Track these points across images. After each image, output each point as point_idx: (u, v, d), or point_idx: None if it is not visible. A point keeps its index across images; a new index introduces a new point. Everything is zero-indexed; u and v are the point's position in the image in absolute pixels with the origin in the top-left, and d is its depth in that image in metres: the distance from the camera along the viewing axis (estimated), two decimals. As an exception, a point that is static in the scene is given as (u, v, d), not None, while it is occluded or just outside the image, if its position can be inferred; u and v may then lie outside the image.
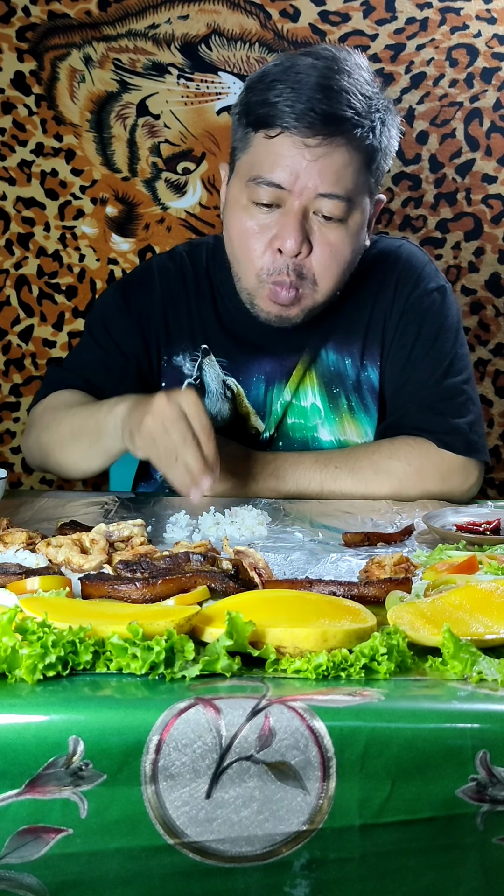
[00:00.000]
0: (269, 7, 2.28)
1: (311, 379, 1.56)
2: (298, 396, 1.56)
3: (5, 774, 0.76)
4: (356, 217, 1.44)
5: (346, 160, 1.39)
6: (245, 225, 1.43)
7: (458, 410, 1.51)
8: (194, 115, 2.33)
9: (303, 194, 1.39)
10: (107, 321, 1.60)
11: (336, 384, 1.56)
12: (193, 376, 1.57)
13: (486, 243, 2.37)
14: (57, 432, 1.51)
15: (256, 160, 1.41)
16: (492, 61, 2.30)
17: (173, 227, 2.37)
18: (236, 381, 1.57)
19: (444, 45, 2.29)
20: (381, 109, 1.42)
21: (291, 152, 1.37)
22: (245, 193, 1.43)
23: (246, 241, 1.44)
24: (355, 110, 1.38)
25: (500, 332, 2.41)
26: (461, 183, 2.34)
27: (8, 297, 2.40)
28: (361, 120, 1.39)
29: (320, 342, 1.55)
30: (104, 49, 2.31)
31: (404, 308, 1.55)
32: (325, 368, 1.56)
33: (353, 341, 1.55)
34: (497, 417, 2.44)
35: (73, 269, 2.39)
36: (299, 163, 1.37)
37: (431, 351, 1.53)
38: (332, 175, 1.38)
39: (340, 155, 1.38)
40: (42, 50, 2.32)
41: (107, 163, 2.35)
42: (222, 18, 2.29)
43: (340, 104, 1.37)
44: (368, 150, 1.41)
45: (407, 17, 2.28)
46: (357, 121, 1.38)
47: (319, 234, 1.41)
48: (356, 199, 1.42)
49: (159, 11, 2.29)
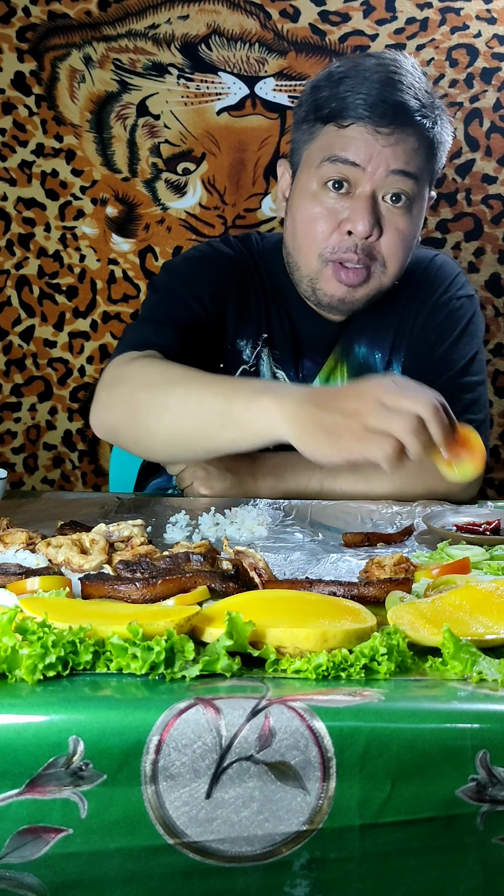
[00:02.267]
0: (269, 7, 2.28)
1: (342, 371, 1.61)
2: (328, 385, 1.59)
3: (5, 774, 0.76)
4: (420, 204, 1.50)
5: (416, 146, 1.45)
6: (313, 210, 1.47)
7: (468, 408, 1.53)
8: (194, 115, 2.33)
9: (375, 174, 1.44)
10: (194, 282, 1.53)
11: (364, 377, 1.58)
12: (250, 364, 1.60)
13: (486, 243, 2.37)
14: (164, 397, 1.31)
15: (329, 144, 1.46)
16: (492, 61, 2.30)
17: (173, 227, 2.37)
18: (285, 375, 1.61)
19: (444, 46, 2.29)
20: (438, 106, 1.50)
21: (365, 136, 1.43)
22: (315, 178, 1.47)
23: (312, 225, 1.47)
24: (421, 102, 1.45)
25: (501, 332, 2.41)
26: (461, 183, 2.34)
27: (9, 298, 2.40)
28: (426, 111, 1.46)
29: (354, 337, 1.60)
30: (104, 49, 2.31)
31: (433, 308, 1.60)
32: (355, 362, 1.60)
33: (383, 336, 1.60)
34: (497, 418, 2.44)
35: (73, 270, 2.39)
36: (373, 145, 1.43)
37: (451, 349, 1.58)
38: (405, 154, 1.44)
39: (412, 141, 1.45)
40: (42, 50, 2.32)
41: (107, 163, 2.36)
42: (222, 18, 2.29)
43: (408, 96, 1.43)
44: (432, 141, 1.48)
45: (407, 17, 2.28)
46: (423, 111, 1.45)
47: (389, 220, 1.46)
48: (422, 183, 1.48)
49: (159, 11, 2.29)
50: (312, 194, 1.47)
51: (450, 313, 1.59)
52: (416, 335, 1.59)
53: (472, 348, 1.59)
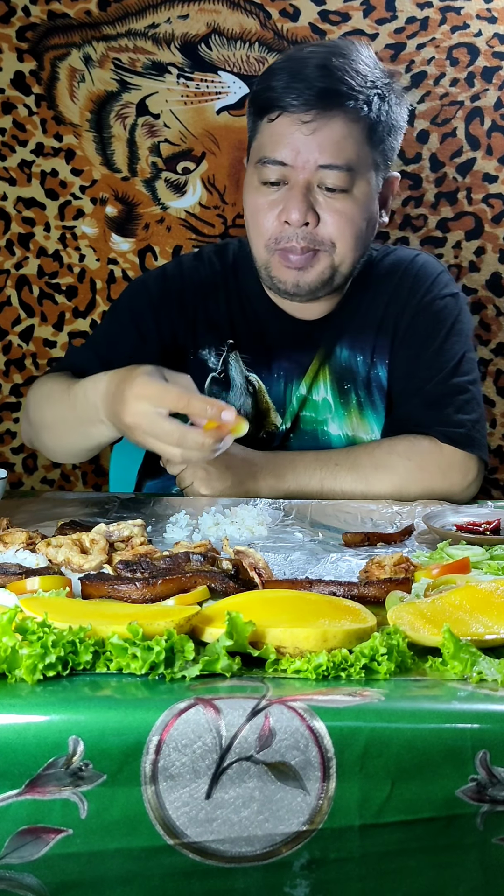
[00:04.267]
0: (269, 6, 2.28)
1: (325, 374, 1.60)
2: (312, 391, 1.60)
3: (5, 774, 0.76)
4: (362, 187, 1.49)
5: (345, 132, 1.45)
6: (256, 203, 1.51)
7: (461, 407, 1.53)
8: (194, 114, 2.32)
9: (305, 168, 1.45)
10: (135, 312, 1.63)
11: (347, 380, 1.60)
12: (218, 370, 1.61)
13: (487, 243, 2.36)
14: (43, 414, 1.54)
15: (262, 143, 1.49)
16: (492, 60, 2.29)
17: (173, 226, 2.37)
18: (258, 378, 1.61)
19: (444, 45, 2.29)
20: (379, 86, 1.48)
21: (290, 130, 1.45)
22: (255, 175, 1.50)
23: (256, 218, 1.51)
24: (348, 85, 1.44)
25: (501, 331, 2.41)
26: (462, 182, 2.34)
27: (8, 298, 2.40)
28: (355, 94, 1.44)
29: (335, 339, 1.60)
30: (104, 49, 2.31)
31: (417, 309, 1.59)
32: (337, 364, 1.60)
33: (365, 339, 1.59)
34: (499, 417, 2.44)
35: (73, 269, 2.39)
36: (298, 139, 1.45)
37: (440, 350, 1.56)
38: (331, 146, 1.44)
39: (338, 127, 1.44)
40: (42, 50, 2.32)
41: (106, 163, 2.35)
42: (222, 18, 2.28)
43: (333, 80, 1.43)
44: (367, 123, 1.47)
45: (407, 16, 2.28)
46: (351, 94, 1.44)
47: (326, 205, 1.47)
48: (359, 170, 1.47)
49: (159, 11, 2.29)
50: (255, 189, 1.51)
51: (435, 314, 1.58)
52: (403, 337, 1.58)
53: (461, 348, 1.57)
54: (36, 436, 1.59)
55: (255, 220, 1.51)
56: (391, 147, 1.54)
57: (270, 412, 1.61)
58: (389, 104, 1.50)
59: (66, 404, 1.47)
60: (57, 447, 1.57)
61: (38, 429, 1.57)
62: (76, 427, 1.47)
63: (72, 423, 1.48)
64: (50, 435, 1.55)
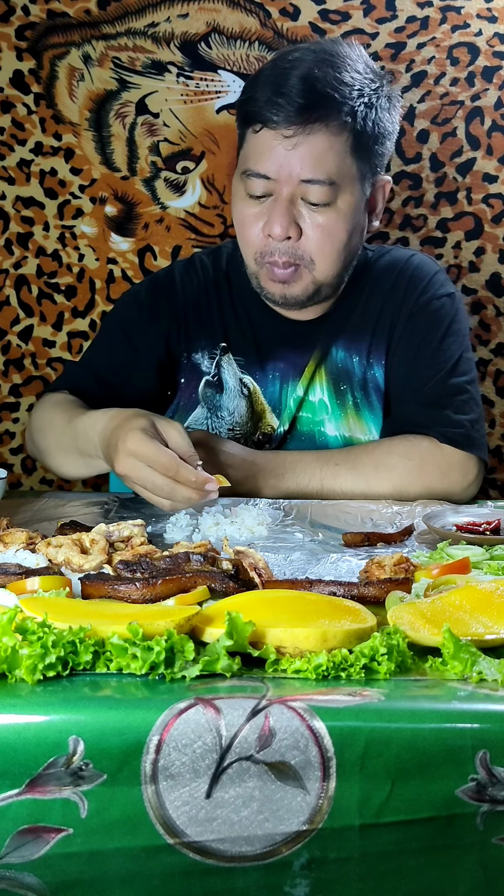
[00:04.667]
0: (269, 5, 2.27)
1: (321, 375, 1.60)
2: (309, 392, 1.60)
3: (5, 774, 0.76)
4: (346, 199, 1.47)
5: (327, 145, 1.43)
6: (243, 214, 1.51)
7: (460, 408, 1.53)
8: (194, 113, 2.32)
9: (288, 182, 1.44)
10: (127, 324, 1.64)
11: (344, 381, 1.60)
12: (211, 373, 1.62)
13: (487, 243, 2.36)
14: (47, 441, 1.56)
15: (247, 154, 1.49)
16: (493, 60, 2.29)
17: (172, 226, 2.37)
18: (252, 380, 1.61)
19: (444, 44, 2.29)
20: (367, 94, 1.46)
21: (273, 143, 1.44)
22: (241, 186, 1.50)
23: (243, 229, 1.52)
24: (331, 97, 1.42)
25: (501, 331, 2.41)
26: (462, 182, 2.34)
27: (7, 297, 2.40)
28: (339, 105, 1.42)
29: (331, 340, 1.59)
30: (103, 48, 2.31)
31: (413, 310, 1.58)
32: (333, 365, 1.60)
33: (361, 340, 1.59)
34: (498, 418, 2.44)
35: (72, 269, 2.39)
36: (280, 153, 1.44)
37: (437, 350, 1.56)
38: (312, 161, 1.43)
39: (319, 141, 1.43)
40: (41, 49, 2.32)
41: (106, 162, 2.35)
42: (222, 17, 2.28)
43: (314, 94, 1.41)
44: (352, 134, 1.45)
45: (407, 15, 2.28)
46: (333, 106, 1.42)
47: (309, 218, 1.46)
48: (342, 182, 1.46)
49: (159, 10, 2.29)
50: (241, 199, 1.51)
51: (432, 314, 1.58)
52: (399, 338, 1.58)
53: (458, 348, 1.57)
54: (40, 457, 1.61)
55: (242, 232, 1.52)
56: (380, 154, 1.51)
57: (266, 414, 1.61)
58: (378, 111, 1.48)
59: (68, 436, 1.49)
60: (61, 470, 1.57)
61: (42, 452, 1.59)
62: (78, 458, 1.49)
63: (74, 454, 1.49)
64: (54, 460, 1.56)
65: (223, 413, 1.62)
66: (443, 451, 1.49)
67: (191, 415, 1.64)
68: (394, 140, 1.54)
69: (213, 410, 1.62)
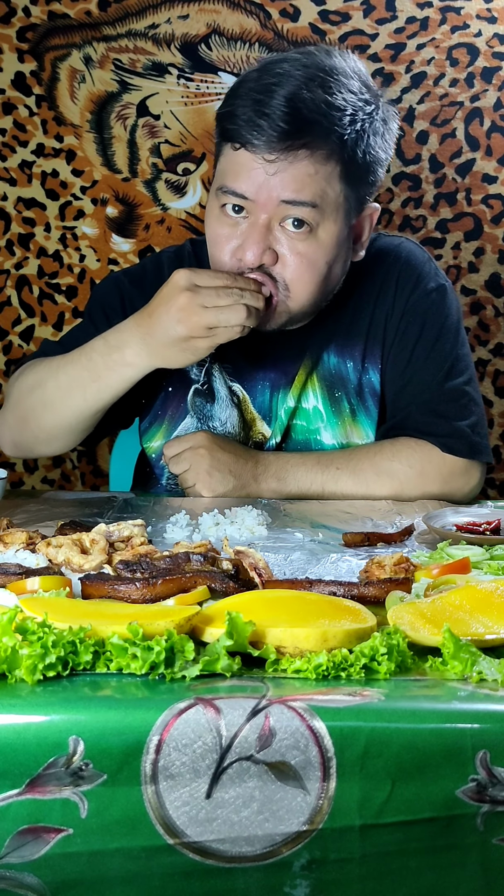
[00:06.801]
0: (269, 7, 2.28)
1: (314, 383, 1.55)
2: (301, 400, 1.55)
3: (5, 774, 0.76)
4: (328, 228, 1.38)
5: (311, 171, 1.34)
6: (215, 231, 1.42)
7: (460, 413, 1.51)
8: (194, 115, 2.33)
9: (267, 205, 1.36)
10: (109, 309, 1.56)
11: (338, 387, 1.55)
12: (201, 381, 1.57)
13: (486, 243, 2.37)
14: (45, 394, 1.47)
15: (224, 169, 1.40)
16: (492, 61, 2.30)
17: (173, 227, 2.37)
18: (241, 388, 1.56)
19: (444, 45, 2.29)
20: (360, 119, 1.36)
21: (253, 165, 1.35)
22: (216, 201, 1.41)
23: (215, 247, 1.43)
24: (318, 123, 1.32)
25: (501, 332, 2.41)
26: (461, 183, 2.34)
27: (9, 298, 2.40)
28: (327, 132, 1.33)
29: (322, 346, 1.54)
30: (104, 49, 2.31)
31: (404, 309, 1.53)
32: (326, 372, 1.55)
33: (354, 344, 1.54)
34: (497, 418, 2.44)
35: (73, 270, 2.39)
36: (260, 175, 1.35)
37: (432, 353, 1.52)
38: (294, 183, 1.34)
39: (303, 166, 1.34)
40: (42, 50, 2.32)
41: (107, 163, 2.36)
42: (222, 18, 2.29)
43: (300, 120, 1.31)
44: (342, 163, 1.36)
45: (407, 16, 2.28)
46: (321, 133, 1.33)
47: (288, 244, 1.38)
48: (325, 208, 1.37)
49: (159, 11, 2.29)
50: (215, 216, 1.41)
51: (423, 314, 1.52)
52: (393, 341, 1.53)
53: (453, 347, 1.53)
54: (24, 426, 1.50)
55: (214, 248, 1.42)
56: (370, 183, 1.42)
57: (256, 422, 1.56)
58: (370, 137, 1.37)
59: (73, 366, 1.43)
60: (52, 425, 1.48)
61: (27, 414, 1.49)
62: (86, 385, 1.41)
63: (78, 385, 1.42)
64: (46, 414, 1.47)
65: (215, 423, 1.56)
66: (444, 459, 1.48)
67: (180, 424, 1.58)
68: (385, 167, 1.45)
69: (203, 420, 1.56)
